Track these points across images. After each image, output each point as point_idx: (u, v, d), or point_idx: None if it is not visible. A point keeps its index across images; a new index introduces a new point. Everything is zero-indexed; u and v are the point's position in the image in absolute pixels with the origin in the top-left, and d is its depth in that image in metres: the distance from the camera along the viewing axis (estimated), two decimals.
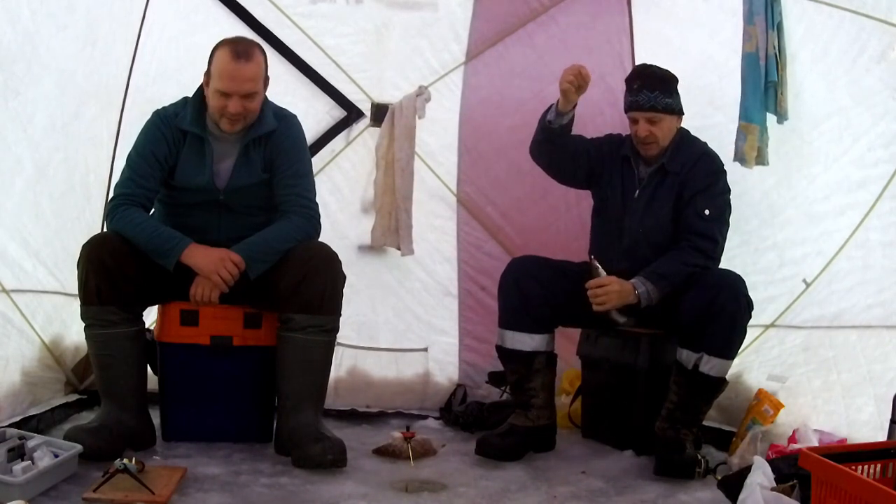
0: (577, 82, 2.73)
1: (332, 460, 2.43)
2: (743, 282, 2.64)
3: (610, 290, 2.66)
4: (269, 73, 2.68)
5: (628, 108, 2.88)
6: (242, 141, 2.67)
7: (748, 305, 2.63)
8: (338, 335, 2.66)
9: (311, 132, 3.30)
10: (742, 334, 2.65)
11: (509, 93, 3.42)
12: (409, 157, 3.32)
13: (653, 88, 2.82)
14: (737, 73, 2.99)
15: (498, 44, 3.39)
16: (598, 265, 2.71)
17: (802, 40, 2.87)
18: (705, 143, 2.92)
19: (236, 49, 2.57)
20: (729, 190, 2.85)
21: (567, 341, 3.09)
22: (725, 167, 2.88)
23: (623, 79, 2.96)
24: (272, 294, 2.58)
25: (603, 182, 2.96)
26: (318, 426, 2.54)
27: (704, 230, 2.76)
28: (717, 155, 2.89)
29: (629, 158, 2.93)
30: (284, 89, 3.23)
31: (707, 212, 2.77)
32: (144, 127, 2.68)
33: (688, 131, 2.93)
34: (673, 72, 2.87)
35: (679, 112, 2.88)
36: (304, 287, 2.54)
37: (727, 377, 2.67)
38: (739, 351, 3.02)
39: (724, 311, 2.56)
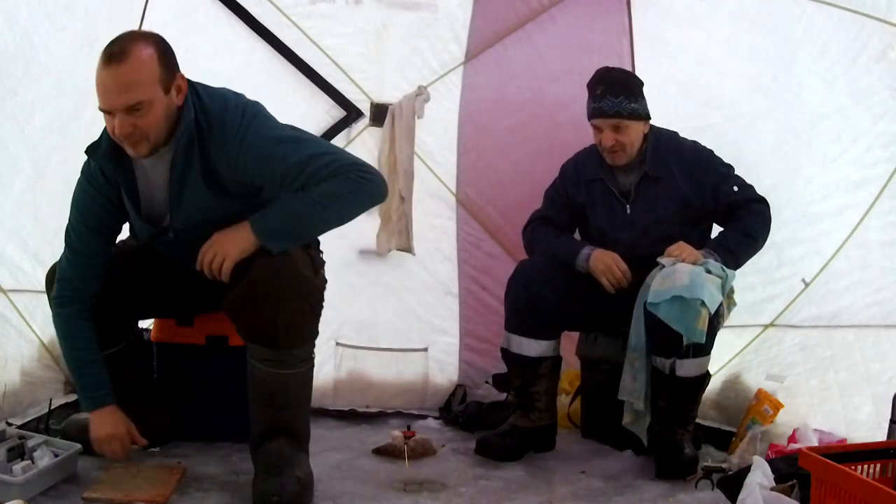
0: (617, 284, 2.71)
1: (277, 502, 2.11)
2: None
3: (684, 248, 2.60)
4: (270, 72, 2.53)
5: (591, 115, 2.78)
6: (168, 162, 2.15)
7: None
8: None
9: (310, 132, 3.30)
10: (713, 329, 2.55)
11: (509, 93, 3.42)
12: (409, 157, 3.32)
13: (617, 93, 2.72)
14: (735, 73, 3.00)
15: (497, 44, 3.39)
16: (659, 262, 2.61)
17: (801, 40, 2.87)
18: (683, 137, 2.85)
19: (109, 50, 2.03)
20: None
21: (567, 341, 3.08)
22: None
23: None
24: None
25: (587, 212, 2.91)
26: (284, 456, 2.19)
27: (746, 198, 2.74)
28: (696, 142, 2.84)
29: (602, 179, 2.85)
30: (284, 89, 3.24)
31: (735, 188, 2.75)
32: (76, 185, 2.30)
33: (659, 129, 2.84)
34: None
35: (646, 117, 2.79)
36: (252, 314, 2.13)
37: (712, 371, 2.66)
38: (740, 350, 3.03)
39: None
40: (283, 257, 2.15)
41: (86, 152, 2.23)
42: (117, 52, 2.02)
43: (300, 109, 3.27)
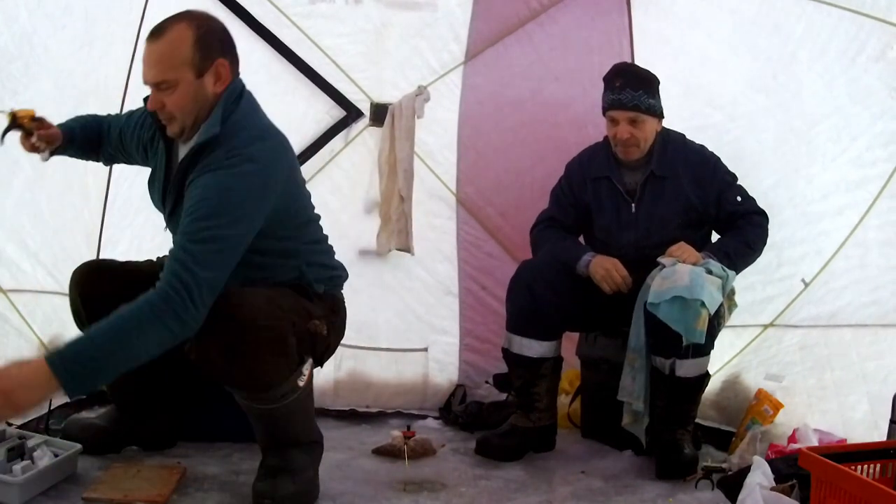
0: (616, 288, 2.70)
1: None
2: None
3: (685, 248, 2.63)
4: (270, 72, 2.55)
5: (609, 106, 2.78)
6: (187, 151, 2.09)
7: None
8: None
9: (310, 132, 3.30)
10: (713, 330, 2.57)
11: (509, 93, 3.42)
12: (409, 157, 3.31)
13: (636, 87, 2.73)
14: (736, 72, 2.99)
15: (497, 44, 3.39)
16: (660, 261, 2.63)
17: (801, 39, 2.87)
18: (691, 140, 2.87)
19: (155, 26, 2.06)
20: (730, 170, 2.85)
21: (567, 341, 3.08)
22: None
23: None
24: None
25: (593, 212, 2.90)
26: (286, 459, 2.20)
27: (748, 209, 2.78)
28: (703, 146, 2.86)
29: (608, 177, 2.85)
30: (284, 89, 3.24)
31: (738, 198, 2.78)
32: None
33: (668, 130, 2.86)
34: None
35: (660, 115, 2.80)
36: (208, 367, 2.02)
37: (711, 371, 2.65)
38: (739, 350, 3.03)
39: None
40: (259, 292, 2.04)
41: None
42: (158, 28, 2.05)
43: (300, 109, 3.28)
